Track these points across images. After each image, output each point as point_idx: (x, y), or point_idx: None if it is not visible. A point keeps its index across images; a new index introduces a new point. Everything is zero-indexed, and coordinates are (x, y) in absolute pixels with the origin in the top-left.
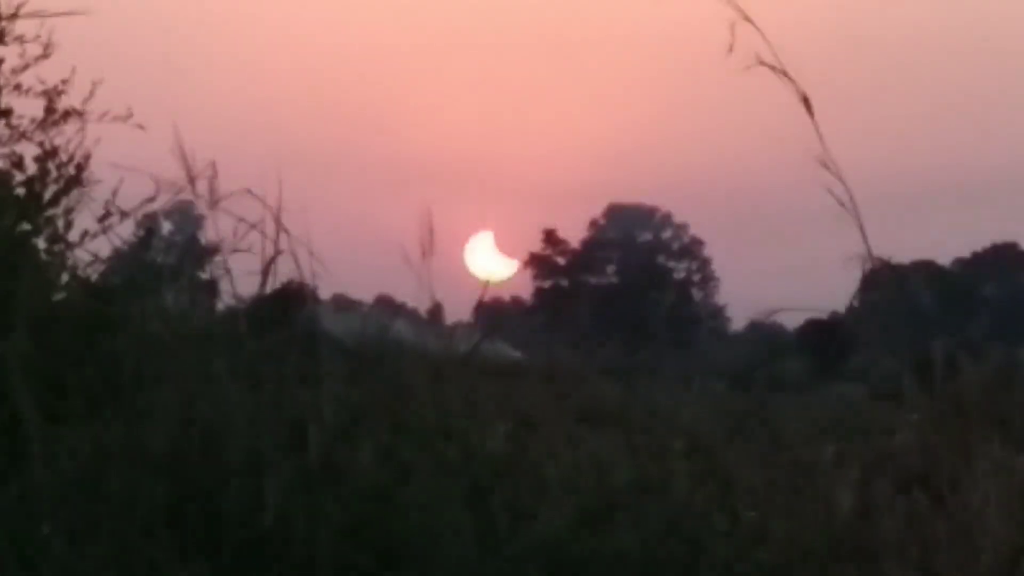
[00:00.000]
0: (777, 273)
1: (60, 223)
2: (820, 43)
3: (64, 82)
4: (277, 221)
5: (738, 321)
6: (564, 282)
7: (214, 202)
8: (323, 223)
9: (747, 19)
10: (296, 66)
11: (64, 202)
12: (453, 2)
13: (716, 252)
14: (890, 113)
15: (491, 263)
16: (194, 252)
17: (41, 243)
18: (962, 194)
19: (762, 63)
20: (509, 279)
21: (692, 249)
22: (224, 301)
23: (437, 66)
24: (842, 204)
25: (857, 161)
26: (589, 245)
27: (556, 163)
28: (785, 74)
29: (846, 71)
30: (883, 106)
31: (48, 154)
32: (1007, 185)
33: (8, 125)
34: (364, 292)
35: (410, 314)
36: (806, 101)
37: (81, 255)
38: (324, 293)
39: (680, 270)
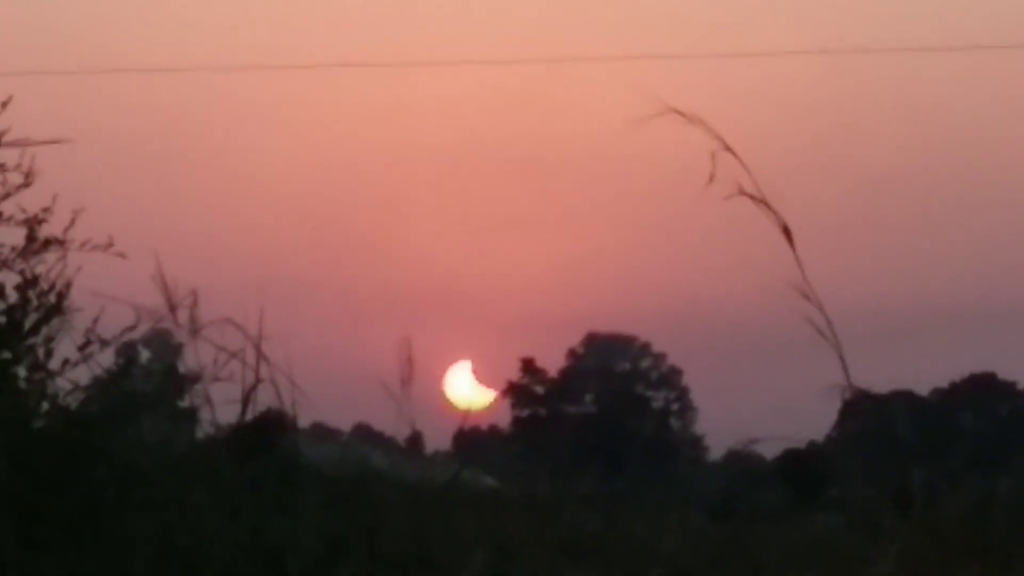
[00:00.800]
0: (756, 402)
1: (40, 351)
2: (801, 174)
3: (45, 210)
4: (258, 350)
5: (716, 450)
6: (542, 411)
7: (195, 330)
8: (303, 351)
9: (728, 149)
10: (277, 196)
11: (45, 331)
12: (435, 132)
13: (694, 381)
14: (871, 242)
15: (470, 392)
16: (173, 380)
17: (21, 371)
18: (940, 324)
19: (743, 193)
20: (487, 408)
21: (670, 378)
22: (204, 429)
23: (417, 196)
24: (821, 333)
25: (837, 290)
26: (567, 374)
27: (535, 292)
28: (766, 204)
29: (828, 201)
30: (864, 235)
31: (29, 283)
32: (985, 316)
33: None
34: (343, 420)
35: (388, 443)
36: (786, 231)
37: (61, 383)
38: (304, 421)
39: (658, 399)
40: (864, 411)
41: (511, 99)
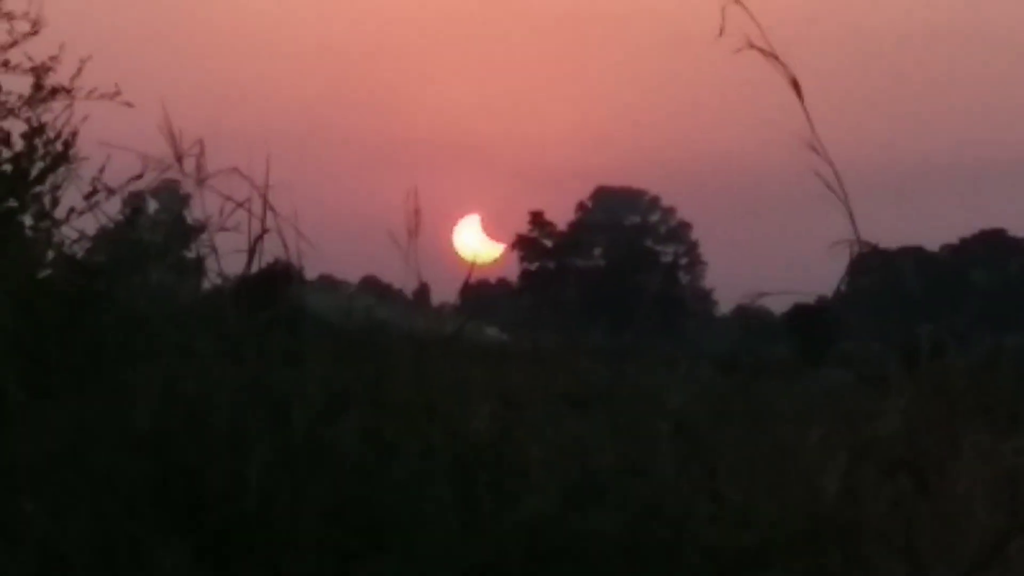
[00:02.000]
0: (765, 257)
1: (47, 200)
2: (811, 27)
3: (52, 59)
4: (264, 200)
5: (725, 305)
6: (551, 264)
7: (201, 180)
8: (311, 203)
9: (737, 1)
10: (285, 44)
11: (51, 179)
12: None
13: (704, 236)
14: (880, 98)
15: (478, 245)
16: (180, 231)
17: (27, 220)
18: (951, 180)
19: (752, 46)
20: (496, 261)
21: (679, 233)
22: (210, 280)
23: (426, 47)
24: (830, 188)
25: (847, 146)
26: (576, 228)
27: (544, 145)
28: (775, 57)
29: (837, 55)
30: (873, 91)
31: (35, 131)
32: (996, 171)
33: None
34: (351, 272)
35: (396, 295)
36: (796, 85)
37: (67, 232)
38: (311, 273)
39: (667, 254)
40: (874, 267)
41: None
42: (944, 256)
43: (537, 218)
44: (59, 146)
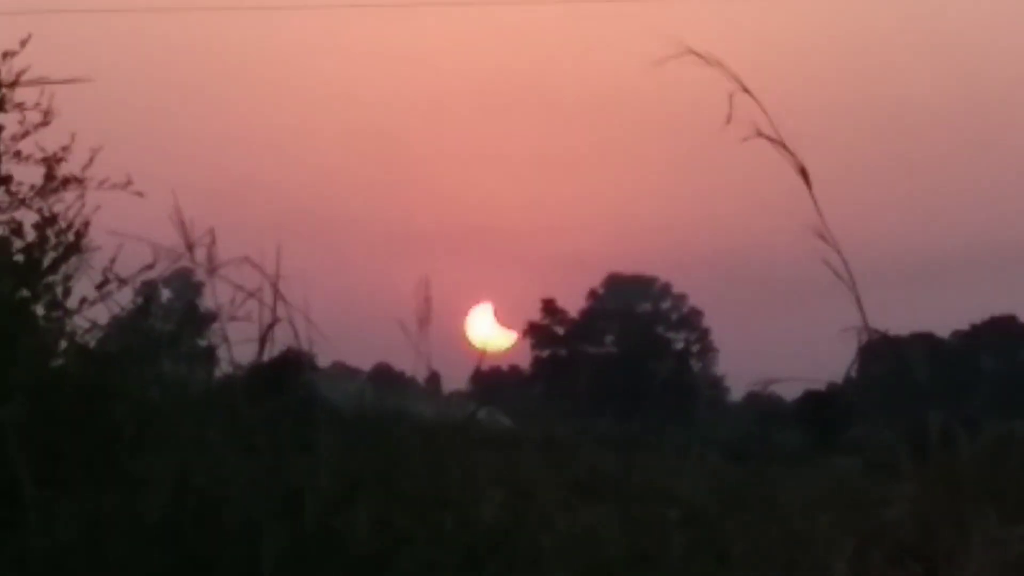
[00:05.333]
0: (775, 344)
1: (59, 290)
2: (819, 115)
3: (64, 149)
4: (275, 289)
5: (736, 391)
6: (563, 351)
7: (212, 269)
8: (323, 291)
9: (745, 90)
10: (297, 134)
11: (63, 269)
12: (455, 72)
13: (715, 323)
14: (889, 185)
15: (491, 333)
16: (193, 319)
17: (40, 310)
18: (961, 267)
19: (760, 134)
20: (509, 349)
21: (691, 319)
22: (222, 369)
23: (438, 135)
24: (838, 275)
25: (856, 233)
26: (588, 315)
27: (555, 233)
28: (783, 146)
29: (845, 143)
30: (882, 178)
31: (47, 221)
32: (1006, 258)
33: (8, 192)
34: (364, 360)
35: (408, 382)
36: (804, 173)
37: (79, 322)
38: (323, 361)
39: (679, 340)
40: (883, 353)
41: (530, 40)
42: (954, 342)
43: (549, 305)
44: (71, 236)
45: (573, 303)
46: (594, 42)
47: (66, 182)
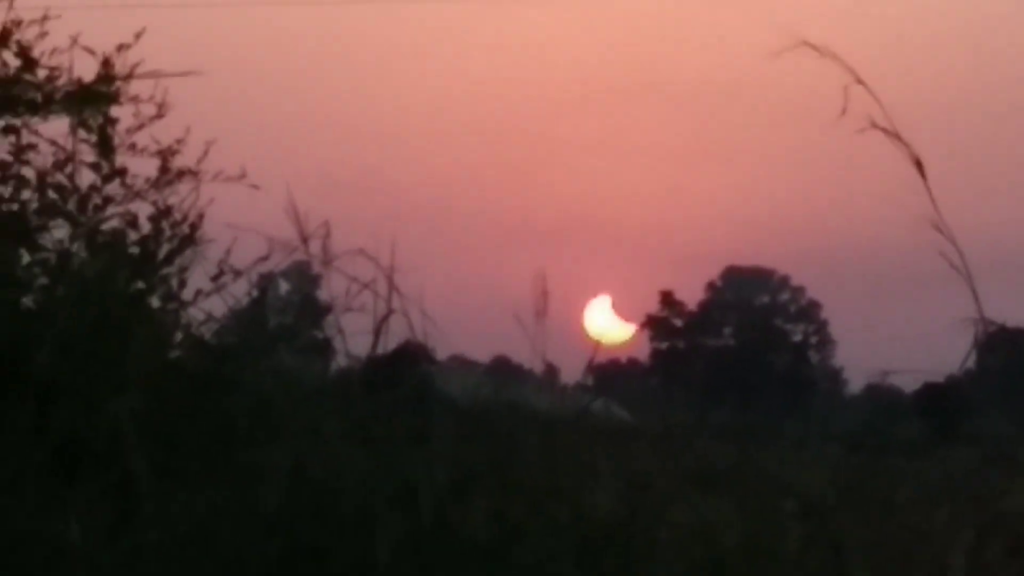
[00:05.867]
0: (894, 336)
1: (174, 282)
2: (936, 106)
3: (178, 142)
4: (389, 281)
5: (855, 384)
6: (681, 344)
7: (327, 262)
8: (439, 283)
9: (860, 81)
10: (413, 126)
11: (178, 261)
12: (573, 65)
13: (833, 315)
14: (1007, 175)
15: (609, 325)
16: (309, 311)
17: (155, 301)
18: None
19: (875, 126)
20: (628, 341)
21: (809, 312)
22: (338, 361)
23: (556, 127)
24: (954, 267)
25: (972, 224)
26: (706, 307)
27: (673, 226)
28: (898, 137)
29: (962, 134)
30: (999, 168)
31: (162, 213)
32: None
33: (123, 184)
34: (483, 352)
35: (526, 375)
36: (919, 164)
37: (195, 314)
38: (442, 354)
39: (797, 333)
40: (1002, 346)
41: (647, 32)
42: None
43: (667, 298)
44: (186, 228)
45: (691, 296)
46: (710, 33)
47: (181, 175)
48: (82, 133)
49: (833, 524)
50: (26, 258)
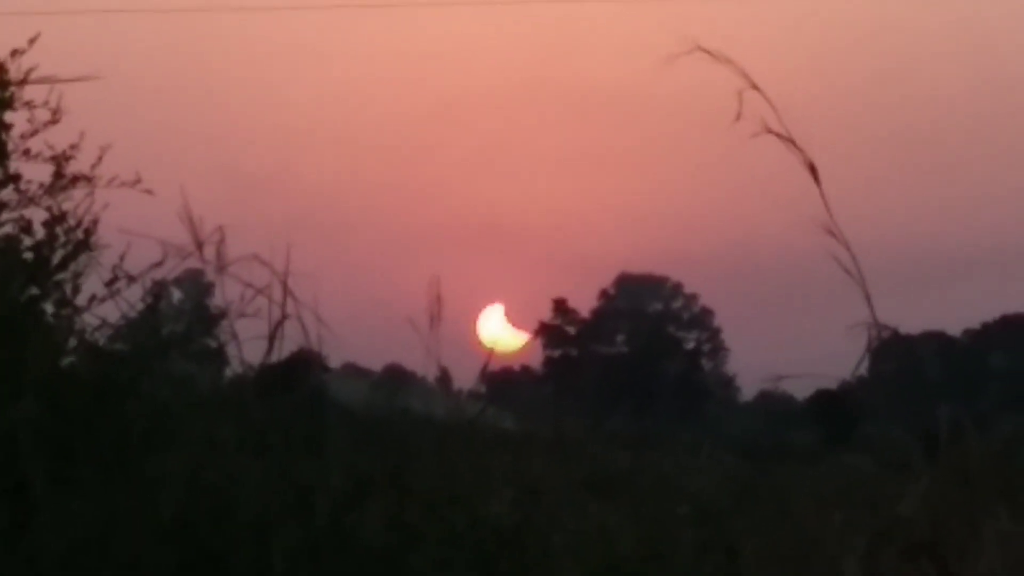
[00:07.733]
0: (787, 343)
1: (68, 287)
2: (830, 112)
3: (73, 147)
4: (284, 286)
5: (747, 391)
6: (574, 351)
7: (221, 267)
8: (333, 290)
9: (754, 86)
10: (306, 133)
11: (72, 267)
12: (466, 73)
13: (726, 321)
14: (901, 182)
15: (502, 333)
16: (203, 318)
17: (49, 307)
18: (973, 265)
19: (769, 131)
20: (521, 348)
21: (702, 319)
22: (232, 368)
23: (448, 135)
24: (847, 271)
25: (866, 230)
26: (599, 315)
27: (566, 233)
28: (792, 142)
29: (856, 140)
30: (893, 175)
31: (56, 219)
32: (1018, 256)
33: (17, 190)
34: (375, 360)
35: (419, 382)
36: (813, 169)
37: (89, 319)
38: (335, 361)
39: (690, 340)
40: (895, 352)
41: (537, 38)
42: (965, 341)
43: (560, 305)
44: (80, 234)
45: (584, 303)
46: (602, 40)
47: (75, 180)
48: None
49: (727, 529)
50: None
